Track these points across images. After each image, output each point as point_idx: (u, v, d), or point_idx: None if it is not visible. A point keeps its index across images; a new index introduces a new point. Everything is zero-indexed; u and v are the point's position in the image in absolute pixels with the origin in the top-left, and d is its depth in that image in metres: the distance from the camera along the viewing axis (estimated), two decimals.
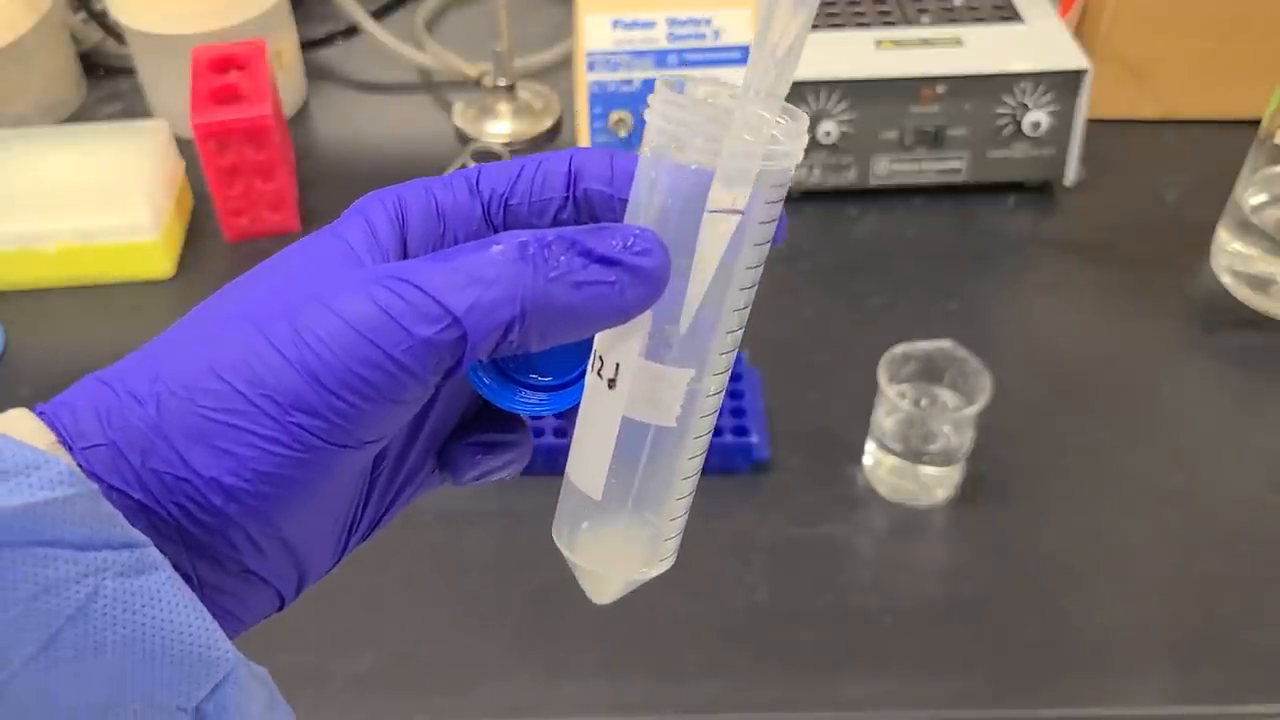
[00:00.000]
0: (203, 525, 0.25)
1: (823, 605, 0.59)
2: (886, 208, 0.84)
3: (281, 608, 0.29)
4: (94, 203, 0.77)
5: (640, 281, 0.25)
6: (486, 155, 0.89)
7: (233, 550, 0.25)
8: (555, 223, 0.28)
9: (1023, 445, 0.66)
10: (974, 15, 0.84)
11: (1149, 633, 0.58)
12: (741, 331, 0.27)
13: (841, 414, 0.68)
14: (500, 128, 0.91)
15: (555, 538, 0.30)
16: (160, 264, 0.78)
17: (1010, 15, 0.84)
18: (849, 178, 0.83)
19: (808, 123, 0.26)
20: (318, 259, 0.26)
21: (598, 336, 0.27)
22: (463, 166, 0.87)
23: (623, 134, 0.81)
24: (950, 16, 0.84)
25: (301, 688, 0.56)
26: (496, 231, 0.28)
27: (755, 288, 0.27)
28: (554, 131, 0.92)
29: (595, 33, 0.80)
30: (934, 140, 0.81)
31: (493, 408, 0.30)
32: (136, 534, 0.23)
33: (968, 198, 0.84)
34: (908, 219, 0.83)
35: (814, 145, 0.81)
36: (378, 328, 0.24)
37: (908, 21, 0.84)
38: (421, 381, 0.24)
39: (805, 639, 0.58)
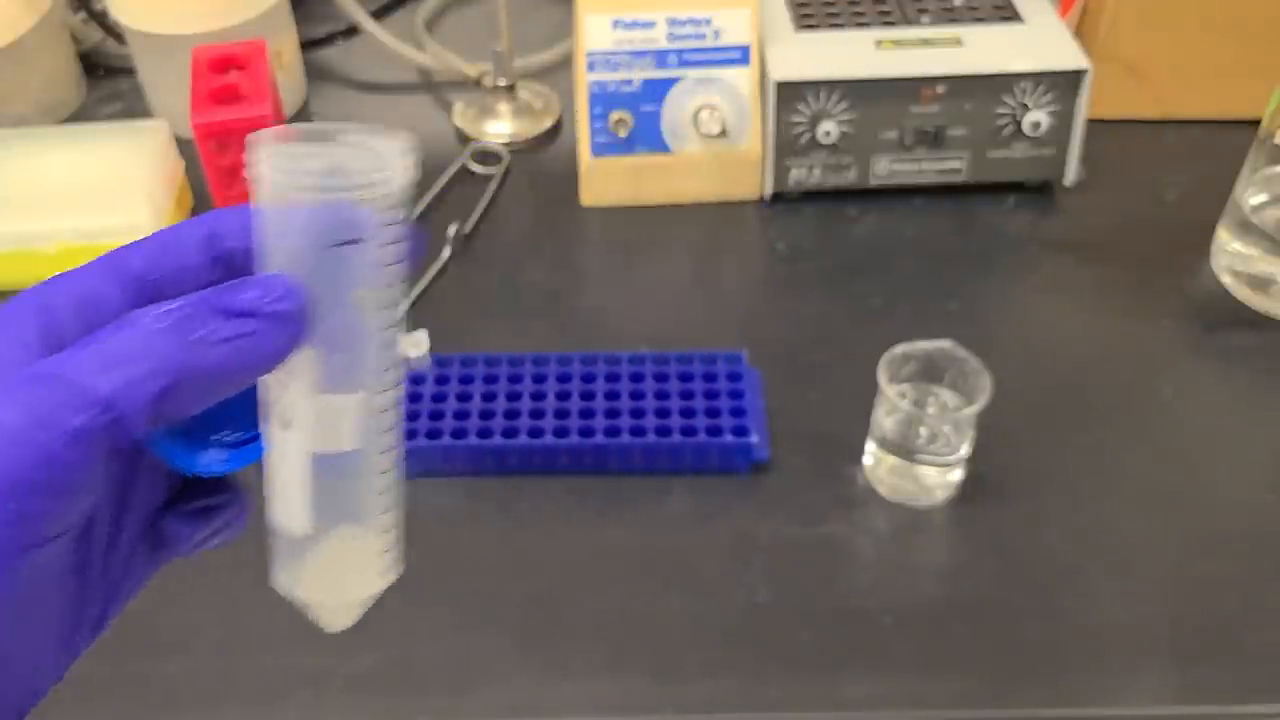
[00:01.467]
0: None
1: (823, 605, 0.59)
2: (886, 208, 0.84)
3: None
4: (94, 203, 0.77)
5: (281, 327, 0.26)
6: (487, 155, 0.89)
7: None
8: (204, 287, 0.28)
9: (1023, 445, 0.67)
10: (974, 15, 0.85)
11: (1149, 632, 0.58)
12: (398, 348, 0.29)
13: (842, 414, 0.68)
14: (500, 128, 0.91)
15: (274, 586, 0.30)
16: None
17: (1010, 15, 0.84)
18: (849, 178, 0.83)
19: (408, 142, 0.27)
20: None
21: (262, 384, 0.28)
22: (463, 168, 0.87)
23: (623, 133, 0.81)
24: (950, 16, 0.84)
25: (301, 688, 0.56)
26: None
27: (400, 305, 0.28)
28: (554, 131, 0.92)
29: (595, 32, 0.80)
30: (934, 140, 0.81)
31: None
32: None
33: (968, 198, 0.84)
34: (908, 219, 0.83)
35: (814, 145, 0.81)
36: (33, 428, 0.24)
37: (908, 22, 0.84)
38: (87, 469, 0.24)
39: (805, 639, 0.58)
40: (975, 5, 0.86)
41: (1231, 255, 0.77)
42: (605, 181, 0.83)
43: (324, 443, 0.28)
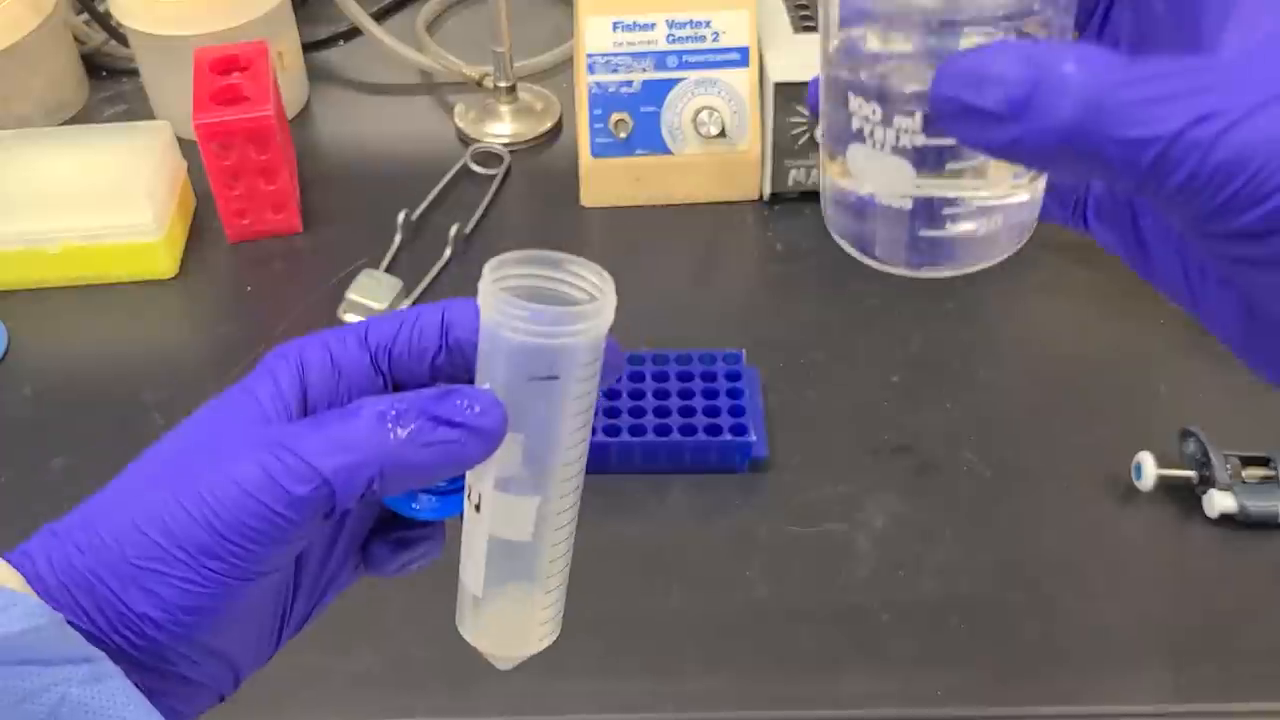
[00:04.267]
0: (141, 649, 0.31)
1: (821, 602, 0.59)
2: None
3: (223, 699, 0.34)
4: (97, 203, 0.78)
5: (480, 439, 0.31)
6: (488, 156, 0.89)
7: (169, 665, 0.31)
8: (433, 367, 0.34)
9: (1020, 444, 0.67)
10: None
11: (1146, 631, 0.58)
12: (583, 461, 0.33)
13: (840, 412, 0.68)
14: (501, 129, 0.91)
15: (459, 628, 0.36)
16: (163, 264, 0.79)
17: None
18: None
19: (612, 285, 0.31)
20: (232, 416, 0.32)
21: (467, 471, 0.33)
22: (465, 169, 0.88)
23: (623, 134, 0.81)
24: None
25: (302, 686, 0.56)
26: (384, 377, 0.34)
27: (586, 427, 0.33)
28: (555, 132, 0.92)
29: (596, 34, 0.80)
30: None
31: None
32: (93, 650, 0.29)
33: None
34: None
35: (813, 146, 0.81)
36: (263, 488, 0.30)
37: None
38: (300, 527, 0.30)
39: (804, 636, 0.58)
40: None
41: None
42: (605, 182, 0.84)
43: (503, 530, 0.33)
